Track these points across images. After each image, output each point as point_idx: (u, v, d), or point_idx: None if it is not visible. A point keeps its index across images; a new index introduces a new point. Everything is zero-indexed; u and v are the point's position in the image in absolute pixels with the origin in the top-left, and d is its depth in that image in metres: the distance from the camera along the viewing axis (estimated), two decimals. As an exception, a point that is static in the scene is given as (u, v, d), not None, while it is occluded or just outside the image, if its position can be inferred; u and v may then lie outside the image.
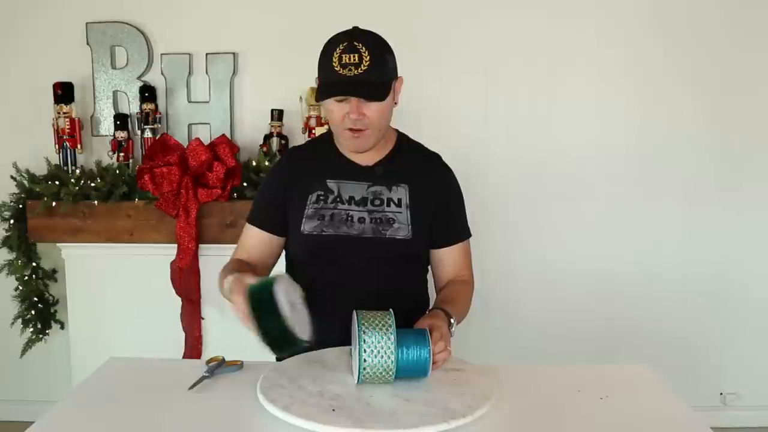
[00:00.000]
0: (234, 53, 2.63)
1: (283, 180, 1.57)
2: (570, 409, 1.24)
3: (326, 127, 2.54)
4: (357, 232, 1.50)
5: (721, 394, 2.80)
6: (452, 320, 1.39)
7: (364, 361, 1.20)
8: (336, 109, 1.45)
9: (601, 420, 1.20)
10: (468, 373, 1.33)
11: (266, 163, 2.45)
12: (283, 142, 2.58)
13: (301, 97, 2.56)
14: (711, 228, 2.71)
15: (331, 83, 1.42)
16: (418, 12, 2.58)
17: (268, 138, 2.58)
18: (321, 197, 1.53)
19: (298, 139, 2.62)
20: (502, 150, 2.66)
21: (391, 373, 1.21)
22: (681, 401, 1.26)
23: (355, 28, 1.46)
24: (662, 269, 2.73)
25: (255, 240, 1.58)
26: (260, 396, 1.21)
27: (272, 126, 2.58)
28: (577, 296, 2.73)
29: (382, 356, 1.20)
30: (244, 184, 2.45)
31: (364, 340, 1.19)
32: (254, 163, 2.48)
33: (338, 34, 1.45)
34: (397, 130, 1.62)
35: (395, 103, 1.50)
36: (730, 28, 2.62)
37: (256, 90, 2.66)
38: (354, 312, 1.25)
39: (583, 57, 2.65)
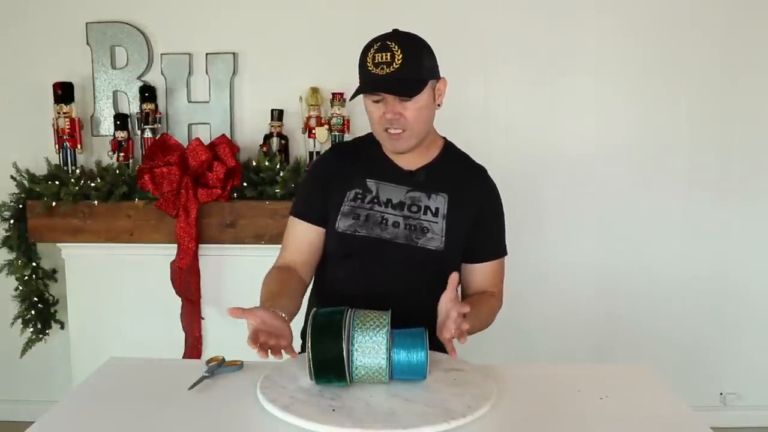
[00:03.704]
0: (234, 53, 2.63)
1: (327, 172, 1.57)
2: (570, 409, 1.24)
3: (326, 127, 2.54)
4: (389, 236, 1.49)
5: (721, 394, 2.79)
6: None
7: (356, 360, 1.20)
8: (374, 110, 1.45)
9: (600, 420, 1.20)
10: (468, 373, 1.32)
11: (266, 163, 2.45)
12: (283, 142, 2.58)
13: (301, 97, 2.56)
14: (711, 227, 2.71)
15: (364, 82, 1.42)
16: (418, 12, 2.57)
17: (268, 138, 2.58)
18: (359, 196, 1.52)
19: (299, 139, 2.62)
20: (501, 149, 2.66)
21: (383, 372, 1.21)
22: (681, 401, 1.26)
23: (395, 30, 1.46)
24: (662, 268, 2.73)
25: (300, 234, 1.55)
26: (260, 396, 1.21)
27: (272, 126, 2.58)
28: (577, 296, 2.73)
29: (373, 356, 1.20)
30: (244, 184, 2.45)
31: (357, 339, 1.20)
32: (254, 163, 2.48)
33: (377, 36, 1.45)
34: (445, 138, 1.61)
35: (438, 105, 1.50)
36: (731, 27, 2.62)
37: (256, 90, 2.66)
38: (349, 310, 1.25)
39: (582, 57, 2.65)
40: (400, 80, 1.39)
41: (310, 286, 1.60)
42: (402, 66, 1.38)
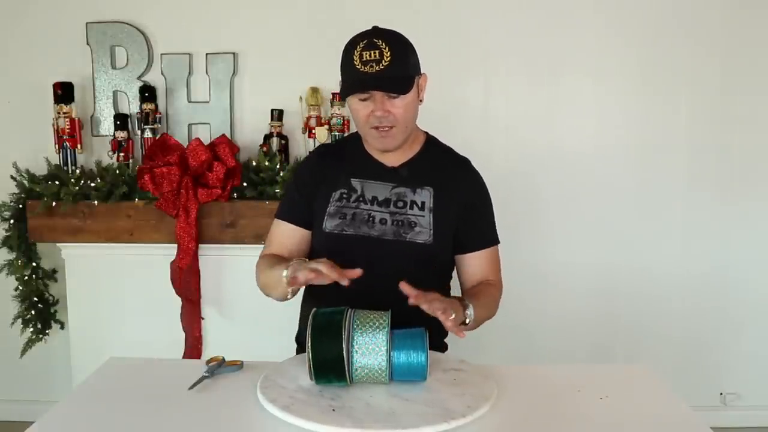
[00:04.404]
0: (234, 53, 2.63)
1: (312, 174, 1.58)
2: (570, 409, 1.24)
3: (326, 127, 2.54)
4: (377, 234, 1.49)
5: (721, 394, 2.79)
6: (468, 304, 1.37)
7: (356, 360, 1.20)
8: (360, 108, 1.44)
9: (601, 420, 1.20)
10: (468, 373, 1.33)
11: (266, 163, 2.45)
12: (283, 142, 2.58)
13: (301, 97, 2.56)
14: (711, 226, 2.71)
15: (353, 81, 1.41)
16: (418, 12, 2.58)
17: (268, 138, 2.58)
18: (344, 195, 1.52)
19: (299, 139, 2.62)
20: (501, 149, 2.66)
21: (383, 373, 1.21)
22: (681, 401, 1.27)
23: (375, 27, 1.46)
24: (662, 268, 2.73)
25: (286, 236, 1.57)
26: (260, 396, 1.21)
27: (272, 126, 2.58)
28: (577, 296, 2.73)
29: (373, 356, 1.20)
30: (244, 184, 2.45)
31: (356, 340, 1.20)
32: (254, 163, 2.48)
33: (358, 34, 1.44)
34: (426, 133, 1.61)
35: (420, 101, 1.50)
36: (731, 28, 2.62)
37: (256, 90, 2.66)
38: (349, 310, 1.25)
39: (582, 57, 2.65)
40: (390, 78, 1.40)
41: (303, 288, 1.60)
42: (391, 63, 1.39)
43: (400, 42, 1.44)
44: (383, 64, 1.38)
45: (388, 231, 1.49)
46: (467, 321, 1.40)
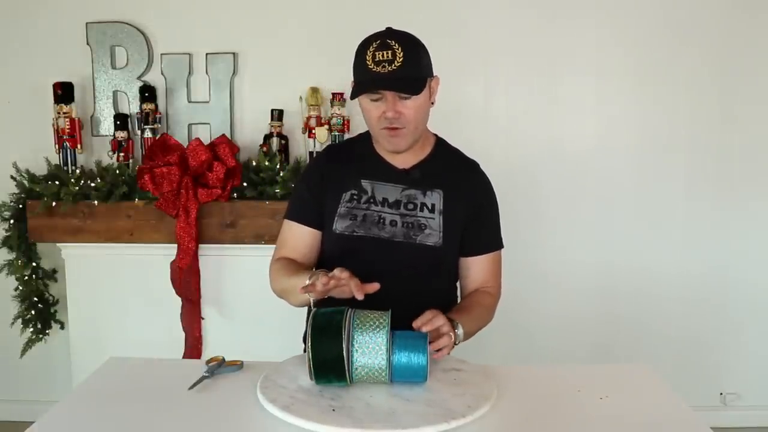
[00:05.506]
0: (234, 53, 2.63)
1: (322, 175, 1.57)
2: (570, 409, 1.24)
3: (326, 127, 2.54)
4: (388, 235, 1.49)
5: (721, 394, 2.79)
6: (457, 323, 1.37)
7: (356, 360, 1.20)
8: (372, 109, 1.44)
9: (601, 420, 1.20)
10: (468, 373, 1.33)
11: (266, 163, 2.45)
12: (283, 142, 2.58)
13: (301, 97, 2.56)
14: (712, 225, 2.71)
15: (365, 81, 1.41)
16: (418, 12, 2.57)
17: (268, 138, 2.58)
18: (354, 197, 1.52)
19: (299, 139, 2.62)
20: (502, 149, 2.66)
21: (383, 372, 1.21)
22: (681, 401, 1.27)
23: (388, 29, 1.46)
24: (663, 267, 2.73)
25: (298, 238, 1.56)
26: (260, 396, 1.21)
27: (272, 126, 2.58)
28: (577, 295, 2.73)
29: (373, 356, 1.20)
30: (244, 184, 2.45)
31: (356, 340, 1.20)
32: (254, 163, 2.48)
33: (372, 34, 1.44)
34: (436, 135, 1.62)
35: (432, 103, 1.50)
36: (731, 28, 2.62)
37: (256, 90, 2.66)
38: (349, 310, 1.25)
39: (583, 56, 2.65)
40: (402, 78, 1.39)
41: None
42: (403, 64, 1.38)
43: (414, 43, 1.44)
44: (396, 64, 1.38)
45: (399, 233, 1.49)
46: (456, 341, 1.39)
